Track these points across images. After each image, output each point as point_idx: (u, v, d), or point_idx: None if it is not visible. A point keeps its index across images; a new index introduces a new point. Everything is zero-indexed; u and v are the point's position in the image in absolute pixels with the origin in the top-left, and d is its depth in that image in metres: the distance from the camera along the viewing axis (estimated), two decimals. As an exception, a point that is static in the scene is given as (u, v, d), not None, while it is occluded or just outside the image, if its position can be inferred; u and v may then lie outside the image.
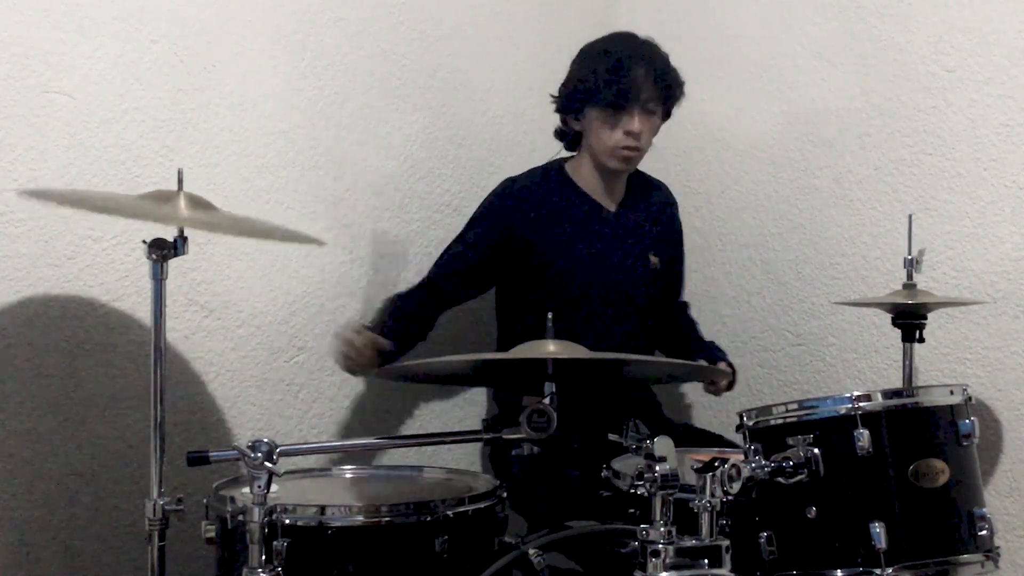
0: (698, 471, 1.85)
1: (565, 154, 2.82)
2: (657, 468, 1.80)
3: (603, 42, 2.72)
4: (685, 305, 3.04)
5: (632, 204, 2.83)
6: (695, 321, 3.02)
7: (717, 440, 2.69)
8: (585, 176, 2.77)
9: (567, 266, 2.72)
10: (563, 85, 2.73)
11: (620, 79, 2.61)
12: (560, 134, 2.80)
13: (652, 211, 2.87)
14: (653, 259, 2.82)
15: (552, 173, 2.80)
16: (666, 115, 2.75)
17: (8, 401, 2.27)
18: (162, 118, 2.46)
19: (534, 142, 3.02)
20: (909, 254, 2.53)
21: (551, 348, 1.99)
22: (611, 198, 2.80)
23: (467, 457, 2.98)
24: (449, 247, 2.78)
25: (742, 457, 2.02)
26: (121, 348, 2.41)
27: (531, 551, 2.03)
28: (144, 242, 1.99)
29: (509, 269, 2.75)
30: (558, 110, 2.76)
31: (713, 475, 1.84)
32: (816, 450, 1.99)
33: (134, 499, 2.29)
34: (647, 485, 1.81)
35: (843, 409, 2.02)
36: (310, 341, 2.74)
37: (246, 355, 2.62)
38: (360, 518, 1.99)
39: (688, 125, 3.23)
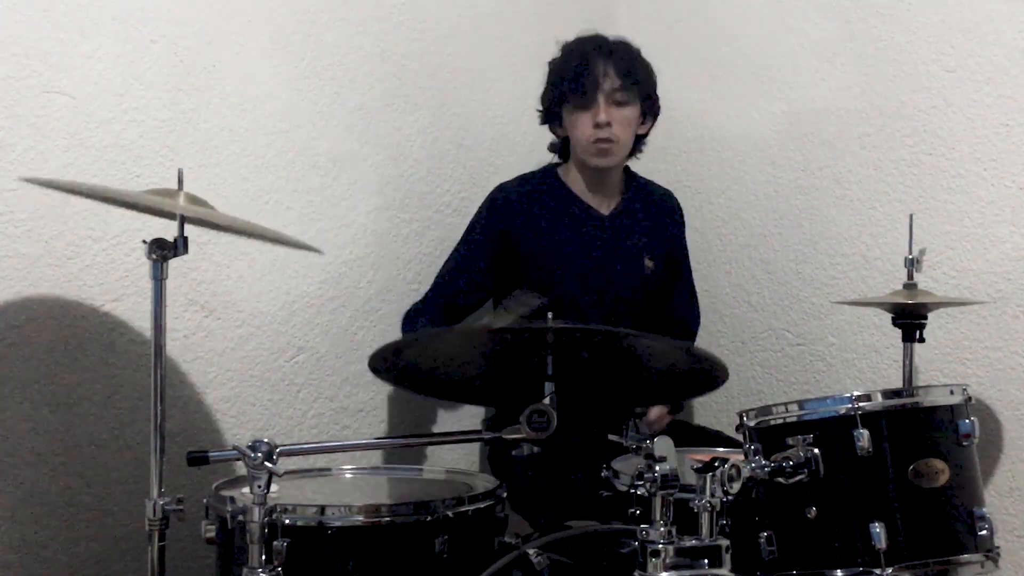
0: (698, 471, 1.85)
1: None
2: (657, 468, 1.80)
3: (569, 44, 2.76)
4: (684, 326, 2.93)
5: (628, 207, 2.83)
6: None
7: (716, 438, 2.68)
8: (576, 180, 2.80)
9: (559, 267, 2.73)
10: (541, 96, 2.78)
11: (582, 73, 2.67)
12: (552, 145, 2.84)
13: (650, 215, 2.86)
14: (648, 263, 2.81)
15: (545, 177, 2.82)
16: (648, 109, 2.75)
17: (8, 401, 2.27)
18: (162, 118, 2.45)
19: (534, 142, 3.01)
20: (909, 254, 2.52)
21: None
22: (605, 201, 2.81)
23: (467, 457, 2.98)
24: (449, 262, 2.79)
25: (742, 457, 2.02)
26: (121, 348, 2.41)
27: (531, 551, 2.03)
28: (144, 242, 1.99)
29: (506, 273, 2.75)
30: (543, 122, 2.80)
31: (713, 475, 1.84)
32: (816, 450, 1.99)
33: (134, 499, 2.29)
34: (647, 485, 1.81)
35: (843, 409, 2.01)
36: (310, 341, 2.74)
37: (246, 355, 2.62)
38: (360, 518, 1.99)
39: (688, 125, 3.24)
